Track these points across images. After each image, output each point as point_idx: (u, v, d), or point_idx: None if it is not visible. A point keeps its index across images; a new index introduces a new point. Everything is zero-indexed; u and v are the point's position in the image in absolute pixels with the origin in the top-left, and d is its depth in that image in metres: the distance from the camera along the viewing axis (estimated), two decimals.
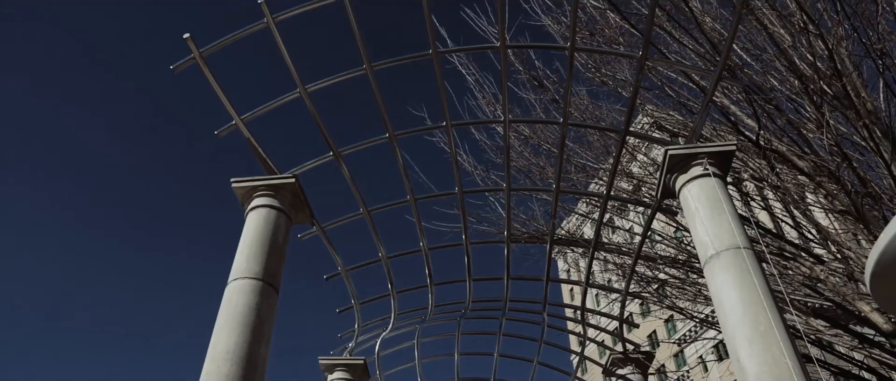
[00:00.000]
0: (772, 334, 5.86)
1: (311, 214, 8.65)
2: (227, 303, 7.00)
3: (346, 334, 12.37)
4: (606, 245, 12.61)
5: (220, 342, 6.63)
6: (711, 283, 6.63)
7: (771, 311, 6.02)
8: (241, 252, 7.44)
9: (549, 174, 11.70)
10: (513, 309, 13.76)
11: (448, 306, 13.78)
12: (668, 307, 12.82)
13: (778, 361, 5.68)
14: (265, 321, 6.97)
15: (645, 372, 12.45)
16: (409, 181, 9.98)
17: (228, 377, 6.35)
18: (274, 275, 7.39)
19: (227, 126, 8.22)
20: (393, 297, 12.15)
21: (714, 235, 6.76)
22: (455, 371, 15.73)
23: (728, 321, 6.20)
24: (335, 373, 11.70)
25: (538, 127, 12.21)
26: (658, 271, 12.54)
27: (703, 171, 7.26)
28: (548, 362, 15.43)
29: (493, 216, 12.53)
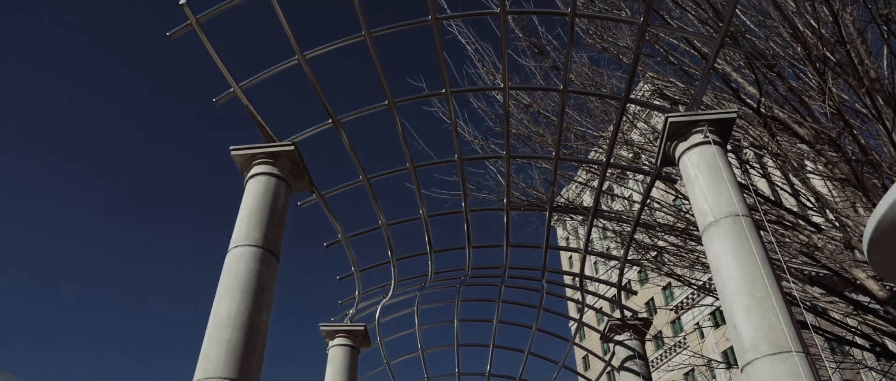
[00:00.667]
0: (768, 300, 5.92)
1: (310, 181, 8.65)
2: (227, 270, 7.05)
3: (346, 301, 12.48)
4: (606, 213, 12.64)
5: (222, 308, 6.70)
6: (710, 250, 6.67)
7: (768, 278, 6.07)
8: (241, 220, 7.47)
9: (549, 142, 11.67)
10: (512, 276, 13.87)
11: (447, 273, 13.88)
12: (666, 275, 12.92)
13: (774, 327, 5.75)
14: (266, 288, 7.03)
15: (642, 338, 12.60)
16: (408, 149, 9.96)
17: (230, 342, 6.43)
18: (274, 242, 7.43)
19: (225, 93, 8.17)
20: (393, 264, 12.23)
21: (713, 202, 6.78)
22: (455, 338, 15.92)
23: (726, 288, 6.26)
24: (336, 339, 11.83)
25: (538, 95, 12.14)
26: (657, 238, 12.60)
27: (704, 138, 7.25)
28: (546, 328, 15.61)
29: (493, 184, 12.55)
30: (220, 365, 6.27)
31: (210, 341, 6.50)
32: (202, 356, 6.44)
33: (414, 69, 23.22)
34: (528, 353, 16.15)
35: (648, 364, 12.54)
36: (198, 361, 6.44)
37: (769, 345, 5.68)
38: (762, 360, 5.65)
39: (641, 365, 12.12)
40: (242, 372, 6.30)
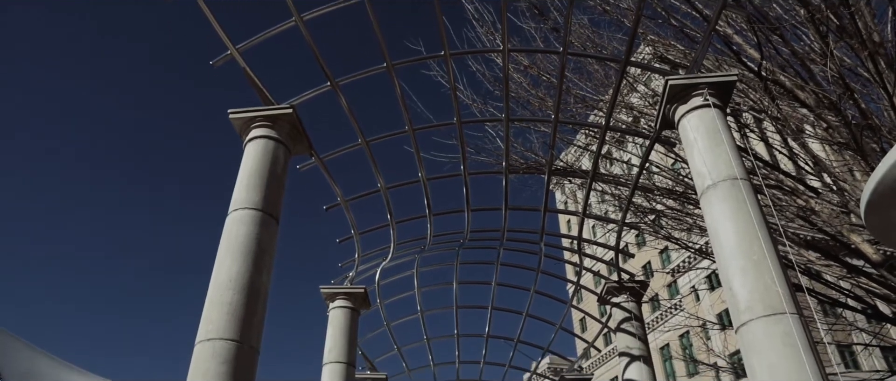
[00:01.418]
0: (765, 263, 5.98)
1: (309, 144, 8.64)
2: (227, 233, 7.10)
3: (346, 263, 12.58)
4: (604, 176, 12.66)
5: (223, 271, 6.77)
6: (707, 213, 6.71)
7: (765, 241, 6.12)
8: (241, 183, 7.49)
9: (549, 105, 11.62)
10: (511, 239, 13.96)
11: (446, 235, 13.97)
12: (663, 238, 13.00)
13: (769, 289, 5.83)
14: (266, 251, 7.09)
15: (639, 300, 12.74)
16: (407, 112, 9.92)
17: (231, 304, 6.51)
18: (274, 205, 7.46)
19: (222, 56, 8.10)
20: (392, 227, 12.30)
21: (711, 165, 6.79)
22: (454, 300, 16.12)
23: (722, 251, 6.32)
24: (336, 301, 11.96)
25: (538, 57, 12.03)
26: (655, 202, 12.65)
27: (703, 101, 7.22)
28: (544, 290, 15.79)
29: (492, 147, 12.52)
30: (221, 326, 6.36)
31: (211, 303, 6.58)
32: (204, 317, 6.53)
33: (412, 34, 22.97)
34: (526, 315, 16.37)
35: (644, 326, 12.71)
36: (200, 322, 6.53)
37: (764, 307, 5.77)
38: (757, 321, 5.74)
39: (637, 327, 12.29)
40: (244, 333, 6.40)
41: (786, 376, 5.40)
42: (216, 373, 6.08)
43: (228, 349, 6.25)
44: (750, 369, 5.77)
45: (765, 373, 5.55)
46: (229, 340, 6.29)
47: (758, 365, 5.63)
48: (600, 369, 52.93)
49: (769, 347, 5.58)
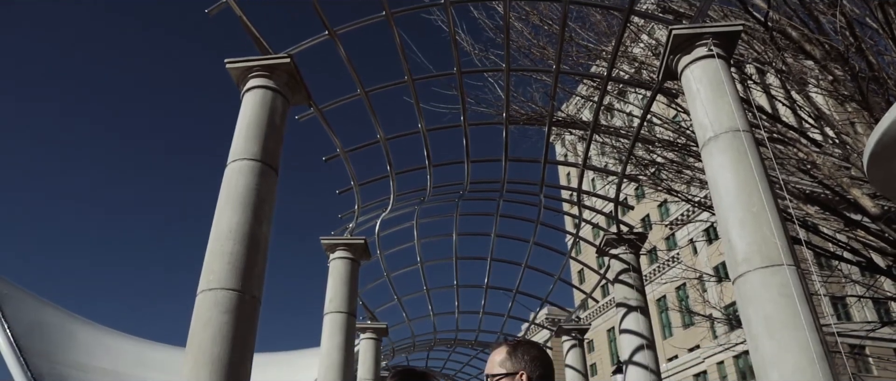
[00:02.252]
0: (764, 215, 5.98)
1: (307, 94, 8.54)
2: (227, 184, 7.08)
3: (346, 214, 12.60)
4: (605, 128, 12.58)
5: (223, 221, 6.78)
6: (708, 165, 6.69)
7: (765, 193, 6.12)
8: (239, 133, 7.44)
9: (550, 55, 11.44)
10: (510, 191, 13.96)
11: (446, 187, 13.97)
12: (663, 190, 13.01)
13: (767, 240, 5.85)
14: (265, 201, 7.09)
15: (637, 252, 12.83)
16: (406, 62, 9.78)
17: (232, 254, 6.54)
18: (273, 156, 7.43)
19: (217, 4, 7.92)
20: (392, 178, 12.28)
21: (714, 117, 6.73)
22: (453, 251, 16.23)
23: (722, 202, 6.31)
24: (337, 252, 12.03)
25: (540, 5, 11.79)
26: (655, 154, 12.60)
27: (707, 52, 7.10)
28: (543, 242, 15.89)
29: (492, 97, 12.40)
30: (222, 277, 6.41)
31: (212, 253, 6.62)
32: (205, 267, 6.57)
33: None
34: (525, 266, 16.52)
35: (642, 278, 12.83)
36: (201, 272, 6.58)
37: (762, 258, 5.80)
38: (754, 273, 5.78)
39: (635, 278, 12.41)
40: (245, 283, 6.45)
41: (781, 326, 5.47)
42: (219, 322, 6.16)
43: (230, 298, 6.31)
44: (745, 319, 5.84)
45: (760, 324, 5.61)
46: (231, 289, 6.35)
47: (753, 316, 5.70)
48: (597, 319, 53.84)
49: (766, 298, 5.63)
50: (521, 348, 2.18)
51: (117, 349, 31.80)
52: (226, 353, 6.00)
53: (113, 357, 30.64)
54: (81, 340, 30.29)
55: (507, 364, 2.14)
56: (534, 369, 2.12)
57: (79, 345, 29.75)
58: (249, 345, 6.39)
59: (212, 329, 6.09)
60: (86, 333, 31.36)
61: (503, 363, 2.15)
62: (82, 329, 31.45)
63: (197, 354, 5.99)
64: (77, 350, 29.32)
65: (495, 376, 2.14)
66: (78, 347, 29.57)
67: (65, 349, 28.60)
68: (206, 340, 6.04)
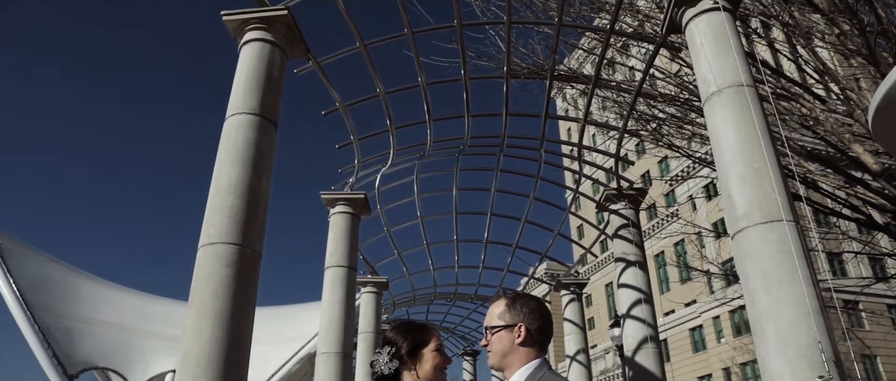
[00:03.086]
0: (765, 171, 5.96)
1: (306, 48, 8.42)
2: (226, 138, 7.04)
3: (346, 169, 12.57)
4: (607, 82, 12.44)
5: (222, 176, 6.76)
6: (710, 120, 6.63)
7: (767, 149, 6.08)
8: (237, 87, 7.35)
9: (552, 7, 11.23)
10: (510, 146, 13.90)
11: (446, 142, 13.90)
12: (664, 146, 12.95)
13: (768, 196, 5.84)
14: (265, 156, 7.06)
15: (637, 208, 12.84)
16: (406, 14, 9.60)
17: (232, 208, 6.55)
18: (271, 110, 7.36)
19: None
20: (392, 133, 12.21)
21: (717, 71, 6.64)
22: (453, 206, 16.27)
23: (723, 157, 6.28)
24: (337, 207, 12.05)
25: None
26: (657, 109, 12.50)
27: (713, 4, 6.95)
28: (543, 197, 15.92)
29: (493, 51, 12.22)
30: (223, 231, 6.42)
31: (212, 207, 6.62)
32: (206, 221, 6.58)
33: None
34: (524, 221, 16.59)
35: (641, 233, 12.88)
36: (202, 226, 6.59)
37: (761, 214, 5.80)
38: (753, 228, 5.79)
39: (634, 233, 12.46)
40: (245, 237, 6.47)
41: (778, 281, 5.51)
42: (220, 276, 6.20)
43: (231, 252, 6.34)
44: (743, 274, 5.88)
45: (757, 279, 5.65)
46: (231, 244, 6.38)
47: (751, 271, 5.73)
48: (596, 274, 54.40)
49: (764, 253, 5.65)
50: (520, 300, 2.19)
51: (121, 302, 32.16)
52: (228, 306, 6.06)
53: (117, 311, 31.00)
54: (85, 294, 30.61)
55: (506, 317, 2.15)
56: (532, 321, 2.13)
57: (83, 299, 30.07)
58: (251, 298, 6.46)
59: (213, 283, 6.14)
60: (89, 287, 31.67)
61: (502, 315, 2.16)
62: (85, 284, 31.74)
63: (199, 307, 6.05)
64: (81, 304, 29.66)
65: (494, 328, 2.15)
66: (82, 301, 29.89)
67: (69, 303, 28.92)
68: (207, 293, 6.09)
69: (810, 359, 5.14)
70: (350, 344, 11.36)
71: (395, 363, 2.26)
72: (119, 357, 29.51)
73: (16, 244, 28.85)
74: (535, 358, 2.11)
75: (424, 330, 2.36)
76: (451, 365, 2.39)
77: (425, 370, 2.25)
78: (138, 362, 29.83)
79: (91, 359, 28.04)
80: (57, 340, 26.38)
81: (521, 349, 2.11)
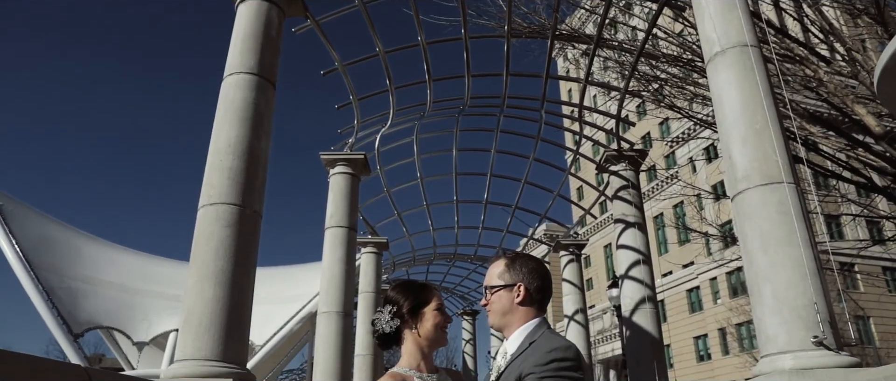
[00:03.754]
0: (766, 132, 5.92)
1: (304, 6, 8.28)
2: (224, 98, 6.97)
3: (345, 129, 12.51)
4: (609, 42, 12.28)
5: (221, 136, 6.72)
6: (713, 81, 6.56)
7: (769, 110, 6.03)
8: (235, 46, 7.26)
9: None
10: (511, 106, 13.82)
11: (446, 102, 13.81)
12: (666, 107, 12.87)
13: (769, 158, 5.81)
14: (264, 116, 7.00)
15: (637, 169, 12.82)
16: None
17: (231, 169, 6.52)
18: (269, 70, 7.28)
19: None
20: (391, 93, 12.12)
21: (722, 31, 6.53)
22: (453, 166, 16.25)
23: (725, 119, 6.23)
24: (337, 167, 12.03)
25: None
26: (659, 70, 12.38)
27: None
28: (543, 158, 15.90)
29: (494, 9, 12.03)
30: (222, 191, 6.41)
31: (212, 168, 6.59)
32: (205, 182, 6.56)
33: None
34: (524, 182, 16.60)
35: (641, 194, 12.89)
36: (201, 187, 6.58)
37: (761, 176, 5.78)
38: (753, 190, 5.78)
39: (634, 195, 12.46)
40: (245, 197, 6.47)
41: (776, 243, 5.53)
42: (220, 236, 6.21)
43: (231, 212, 6.35)
44: (742, 235, 5.89)
45: (756, 240, 5.67)
46: (231, 204, 6.38)
47: (750, 232, 5.75)
48: (595, 235, 54.71)
49: (763, 215, 5.66)
50: (520, 260, 2.19)
51: (123, 263, 32.37)
52: (229, 266, 6.09)
53: (119, 271, 31.23)
54: (87, 254, 30.79)
55: (505, 276, 2.15)
56: (531, 280, 2.13)
57: (85, 260, 30.26)
58: (251, 259, 6.49)
59: (214, 243, 6.16)
60: (91, 248, 31.84)
61: (502, 275, 2.16)
62: (87, 244, 31.91)
63: (200, 267, 6.09)
64: (84, 265, 29.85)
65: (494, 287, 2.16)
66: (84, 261, 30.08)
67: (72, 264, 29.11)
68: (208, 254, 6.12)
69: (805, 319, 5.20)
70: (351, 304, 11.48)
71: (396, 321, 2.28)
72: (123, 317, 29.86)
73: (17, 205, 28.91)
74: (534, 317, 2.12)
75: (425, 289, 2.37)
76: (451, 324, 2.41)
77: (426, 329, 2.27)
78: (141, 321, 30.20)
79: (95, 319, 28.37)
80: (61, 300, 26.64)
81: (520, 309, 2.12)
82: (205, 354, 5.69)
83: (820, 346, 5.05)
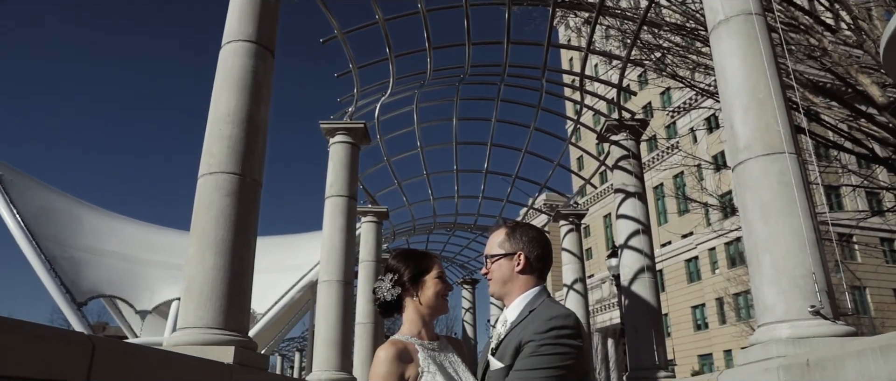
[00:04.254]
0: (769, 102, 5.88)
1: None
2: (222, 66, 6.91)
3: (345, 98, 12.44)
4: (612, 9, 12.13)
5: (220, 105, 6.67)
6: (716, 49, 6.49)
7: (772, 80, 5.97)
8: (233, 14, 7.16)
9: None
10: (511, 75, 13.72)
11: (446, 70, 13.70)
12: (668, 76, 12.77)
13: (770, 128, 5.78)
14: (263, 84, 6.94)
15: (638, 139, 12.77)
16: None
17: (231, 138, 6.49)
18: (268, 37, 7.19)
19: None
20: (391, 61, 12.02)
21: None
22: (453, 136, 16.20)
23: (728, 88, 6.18)
24: (336, 136, 11.98)
25: None
26: (661, 38, 12.25)
27: None
28: (544, 128, 15.83)
29: None
30: (222, 160, 6.39)
31: (211, 136, 6.56)
32: (205, 151, 6.54)
33: None
34: (524, 151, 16.56)
35: (641, 164, 12.86)
36: (201, 156, 6.56)
37: (763, 146, 5.76)
38: (755, 160, 5.76)
39: (635, 164, 12.44)
40: (245, 166, 6.45)
41: (776, 213, 5.53)
42: (220, 205, 6.21)
43: (231, 181, 6.33)
44: (742, 206, 5.89)
45: (755, 210, 5.67)
46: (231, 173, 6.36)
47: (750, 202, 5.74)
48: (595, 205, 54.83)
49: (764, 185, 5.65)
50: (520, 229, 2.19)
51: (124, 233, 32.49)
52: (229, 235, 6.10)
53: (121, 241, 31.36)
54: (88, 224, 30.88)
55: (506, 245, 2.15)
56: (532, 249, 2.13)
57: (86, 229, 30.36)
58: (252, 227, 6.49)
59: (214, 212, 6.16)
60: (92, 217, 31.92)
61: (502, 244, 2.16)
62: (88, 214, 31.98)
63: (201, 236, 6.09)
64: (85, 234, 29.96)
65: (494, 256, 2.16)
66: (86, 231, 30.19)
67: (74, 234, 29.21)
68: (209, 223, 6.12)
69: (803, 289, 5.23)
70: (351, 272, 11.55)
71: (397, 289, 2.29)
72: (125, 286, 30.08)
73: (17, 175, 28.88)
74: (534, 286, 2.12)
75: (426, 258, 2.37)
76: (451, 293, 2.42)
77: (427, 297, 2.28)
78: (144, 290, 30.43)
79: (98, 287, 28.58)
80: (64, 269, 26.79)
81: (520, 277, 2.12)
82: (207, 322, 5.73)
83: (817, 315, 5.09)
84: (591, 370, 45.21)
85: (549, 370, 1.84)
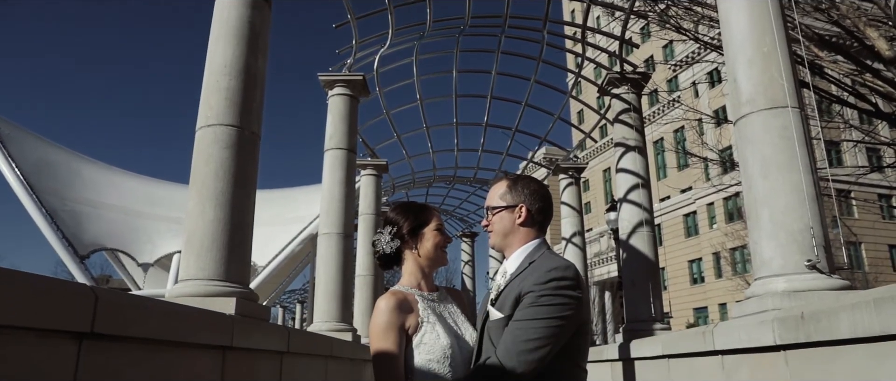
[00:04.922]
0: (774, 55, 5.80)
1: None
2: (218, 16, 6.77)
3: (343, 50, 12.27)
4: None
5: (217, 56, 6.57)
6: (722, 0, 6.37)
7: (778, 32, 5.88)
8: None
9: None
10: (512, 26, 13.51)
11: (447, 21, 13.49)
12: (671, 28, 12.58)
13: (774, 82, 5.72)
14: (260, 35, 6.83)
15: (639, 92, 12.64)
16: None
17: (228, 90, 6.42)
18: None
19: None
20: (390, 12, 11.81)
21: None
22: (453, 88, 16.05)
23: (733, 40, 6.09)
24: (335, 89, 11.87)
25: None
26: None
27: None
28: (544, 80, 15.67)
29: None
30: (220, 112, 6.33)
31: (208, 88, 6.49)
32: (202, 103, 6.47)
33: None
34: (524, 105, 16.44)
35: (642, 118, 12.77)
36: (199, 108, 6.50)
37: (766, 100, 5.70)
38: (757, 114, 5.71)
39: (635, 118, 12.34)
40: (243, 117, 6.39)
41: (777, 168, 5.52)
42: (219, 158, 6.18)
43: (230, 134, 6.28)
44: (742, 160, 5.87)
45: (756, 165, 5.66)
46: (229, 125, 6.30)
47: (750, 157, 5.72)
48: (594, 159, 54.84)
49: (766, 140, 5.62)
50: (521, 182, 2.18)
51: (124, 186, 32.53)
52: (228, 187, 6.09)
53: (121, 194, 31.42)
54: (88, 178, 30.88)
55: (507, 197, 2.15)
56: (533, 202, 2.13)
57: (87, 183, 30.38)
58: (251, 180, 6.48)
59: (213, 165, 6.13)
60: (92, 171, 31.89)
61: (503, 196, 2.16)
62: (88, 168, 31.94)
63: (200, 189, 6.09)
64: (85, 188, 29.99)
65: (496, 208, 2.16)
66: (86, 184, 30.21)
67: (73, 187, 29.24)
68: (208, 176, 6.10)
69: (801, 244, 5.25)
70: (351, 225, 11.60)
71: (396, 242, 2.29)
72: (127, 239, 30.29)
73: (15, 129, 28.74)
74: (534, 238, 2.13)
75: (425, 210, 2.37)
76: (450, 245, 2.42)
77: (426, 249, 2.29)
78: (145, 243, 30.66)
79: (100, 241, 28.78)
80: (65, 222, 26.92)
81: (521, 229, 2.13)
82: (208, 274, 5.77)
83: (813, 269, 5.13)
84: (589, 322, 45.87)
85: (548, 320, 1.86)
